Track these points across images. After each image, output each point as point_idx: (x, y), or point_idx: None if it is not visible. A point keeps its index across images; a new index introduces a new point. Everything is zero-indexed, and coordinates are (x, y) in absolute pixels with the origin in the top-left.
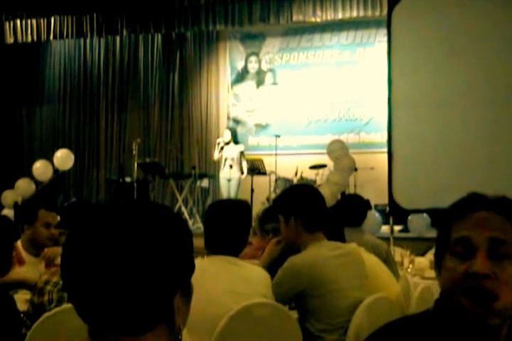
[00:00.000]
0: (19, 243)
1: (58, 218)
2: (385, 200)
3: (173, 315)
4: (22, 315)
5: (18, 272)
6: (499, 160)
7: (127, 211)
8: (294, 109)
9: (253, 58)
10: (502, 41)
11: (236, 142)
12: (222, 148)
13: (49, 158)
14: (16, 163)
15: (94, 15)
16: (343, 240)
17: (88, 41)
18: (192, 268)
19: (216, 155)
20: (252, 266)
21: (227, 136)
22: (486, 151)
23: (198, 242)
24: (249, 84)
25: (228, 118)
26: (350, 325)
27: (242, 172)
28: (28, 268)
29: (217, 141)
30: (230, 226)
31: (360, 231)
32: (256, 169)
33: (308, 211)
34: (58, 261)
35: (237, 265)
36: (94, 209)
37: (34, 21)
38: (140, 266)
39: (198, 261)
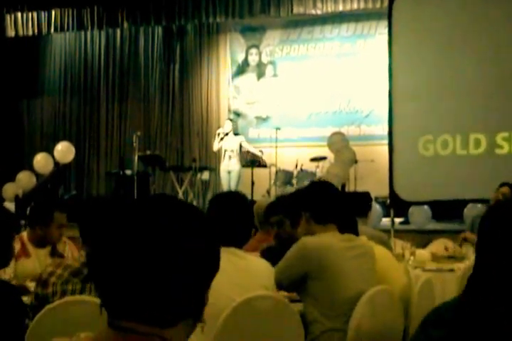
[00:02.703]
0: (25, 235)
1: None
2: (386, 192)
3: (202, 309)
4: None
5: (24, 264)
6: (500, 152)
7: (159, 207)
8: (294, 101)
9: (253, 50)
10: (503, 31)
11: (236, 134)
12: (222, 139)
13: (50, 150)
14: (16, 156)
15: (95, 7)
16: (355, 231)
17: (89, 34)
18: (218, 265)
19: (216, 145)
20: (256, 258)
21: (227, 126)
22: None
23: None
24: (250, 76)
25: (229, 110)
26: (352, 315)
27: (243, 166)
28: (34, 260)
29: (217, 131)
30: (234, 218)
31: (362, 223)
32: (256, 161)
33: (315, 203)
34: (66, 251)
35: (242, 257)
36: (118, 202)
37: (35, 14)
38: (173, 258)
39: None
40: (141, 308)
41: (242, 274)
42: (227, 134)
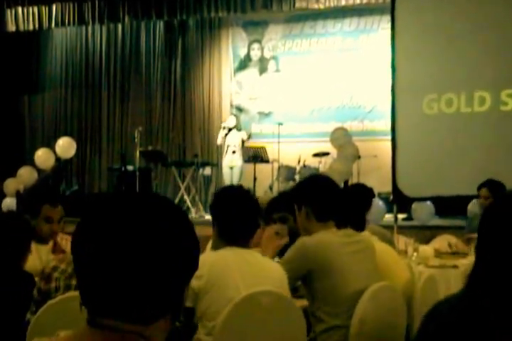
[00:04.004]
0: None
1: (62, 212)
2: (389, 188)
3: (181, 307)
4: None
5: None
6: (502, 148)
7: (140, 203)
8: (297, 96)
9: (256, 45)
10: (509, 23)
11: (239, 129)
12: (226, 135)
13: (51, 146)
14: (17, 151)
15: (96, 2)
16: (362, 226)
17: (90, 28)
18: (197, 263)
19: (219, 140)
20: (272, 262)
21: (231, 121)
22: (491, 138)
23: (204, 231)
24: (252, 71)
25: (231, 106)
26: (355, 312)
27: (246, 161)
28: (35, 257)
29: (222, 125)
30: (247, 213)
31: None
32: (259, 157)
33: (319, 201)
34: (67, 248)
35: (258, 261)
36: (100, 199)
37: (36, 9)
38: (153, 256)
39: (220, 252)
40: (121, 306)
41: (258, 279)
42: (230, 129)
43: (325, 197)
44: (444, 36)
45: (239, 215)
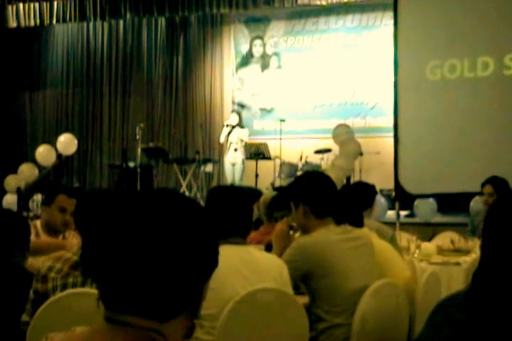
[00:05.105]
0: (38, 223)
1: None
2: (391, 185)
3: (200, 304)
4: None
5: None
6: (505, 144)
7: (156, 200)
8: (299, 93)
9: (258, 42)
10: (507, 22)
11: (242, 127)
12: (230, 132)
13: (52, 142)
14: (18, 148)
15: None
16: (360, 223)
17: (91, 25)
18: (217, 259)
19: (222, 138)
20: (271, 257)
21: (234, 119)
22: (493, 135)
23: None
24: (254, 67)
25: (233, 102)
26: (357, 309)
27: (247, 158)
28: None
29: (225, 122)
30: (237, 211)
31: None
32: (260, 154)
33: (316, 198)
34: (68, 246)
35: (255, 258)
36: (108, 196)
37: (37, 5)
38: (171, 251)
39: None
40: (138, 302)
41: (253, 270)
42: (233, 127)
43: (322, 194)
44: (447, 32)
45: (230, 213)
